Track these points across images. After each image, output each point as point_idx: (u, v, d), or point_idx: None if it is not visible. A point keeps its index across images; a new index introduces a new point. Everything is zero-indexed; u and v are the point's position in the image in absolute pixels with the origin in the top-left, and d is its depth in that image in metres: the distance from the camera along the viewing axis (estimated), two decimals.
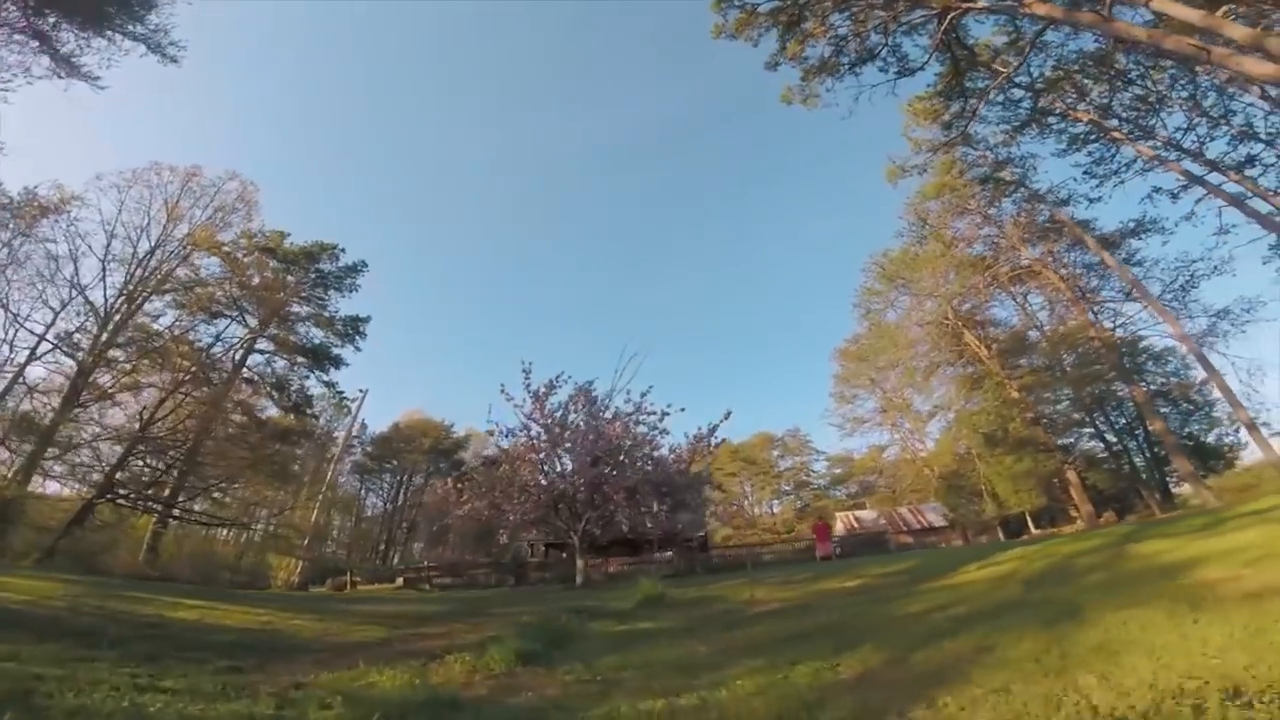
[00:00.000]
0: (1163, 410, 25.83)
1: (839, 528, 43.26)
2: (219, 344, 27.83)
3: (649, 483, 18.75)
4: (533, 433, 19.58)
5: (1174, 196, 23.30)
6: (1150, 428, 26.37)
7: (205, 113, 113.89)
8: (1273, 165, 18.36)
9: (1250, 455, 27.81)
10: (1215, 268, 23.52)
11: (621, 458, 18.78)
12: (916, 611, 6.59)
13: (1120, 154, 23.06)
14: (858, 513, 45.19)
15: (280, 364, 30.50)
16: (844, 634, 6.00)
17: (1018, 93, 23.04)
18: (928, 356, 35.93)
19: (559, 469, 19.63)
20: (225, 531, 30.91)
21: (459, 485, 21.86)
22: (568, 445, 19.44)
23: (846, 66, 21.29)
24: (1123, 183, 23.72)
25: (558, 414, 19.56)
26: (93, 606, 8.42)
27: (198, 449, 26.73)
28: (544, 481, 19.17)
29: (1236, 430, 25.23)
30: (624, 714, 3.92)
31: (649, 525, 19.45)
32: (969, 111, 22.02)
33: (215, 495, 28.75)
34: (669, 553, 29.29)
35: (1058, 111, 22.36)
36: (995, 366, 30.31)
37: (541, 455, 19.56)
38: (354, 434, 32.28)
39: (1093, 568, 6.57)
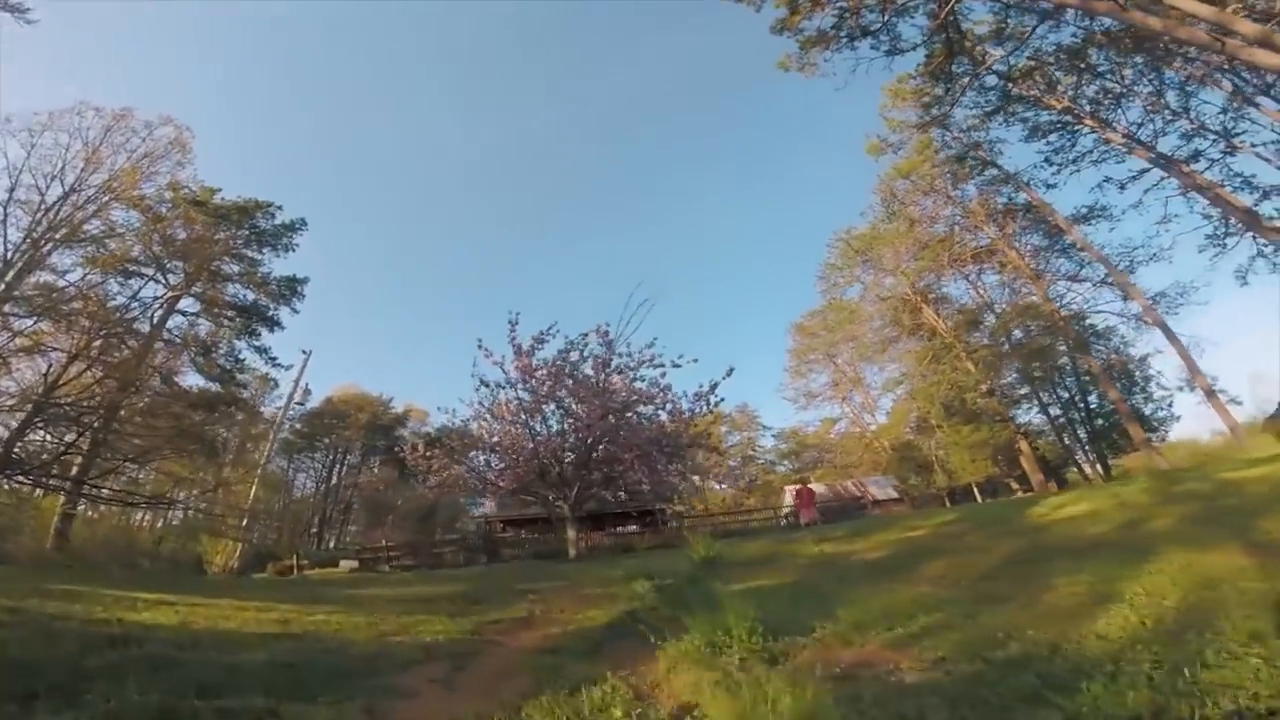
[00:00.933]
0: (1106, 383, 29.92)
1: (788, 499, 46.33)
2: (135, 304, 25.93)
3: (654, 442, 18.19)
4: (522, 388, 18.46)
5: (1121, 187, 26.81)
6: (1106, 398, 30.52)
7: (149, 70, 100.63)
8: (1217, 160, 21.85)
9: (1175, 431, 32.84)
10: (1154, 254, 27.40)
11: (630, 413, 18.26)
12: (1120, 522, 7.50)
13: (1079, 144, 26.27)
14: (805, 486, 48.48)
15: (205, 326, 28.83)
16: (1107, 551, 6.34)
17: (991, 80, 25.60)
18: (882, 332, 39.22)
19: (546, 431, 18.64)
20: (142, 514, 29.02)
21: (429, 453, 20.32)
22: (564, 397, 18.34)
23: (844, 40, 22.75)
24: (1078, 171, 27.04)
25: (539, 369, 18.29)
26: (3, 609, 5.79)
27: (111, 420, 24.91)
28: (530, 445, 18.20)
29: (1169, 404, 29.85)
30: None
31: (663, 486, 19.61)
32: (953, 95, 24.24)
33: (132, 472, 26.89)
34: (632, 527, 30.02)
35: (1029, 99, 25.08)
36: (953, 339, 33.62)
37: (525, 416, 18.48)
38: (296, 398, 31.03)
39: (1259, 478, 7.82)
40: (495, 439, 19.33)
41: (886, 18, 22.16)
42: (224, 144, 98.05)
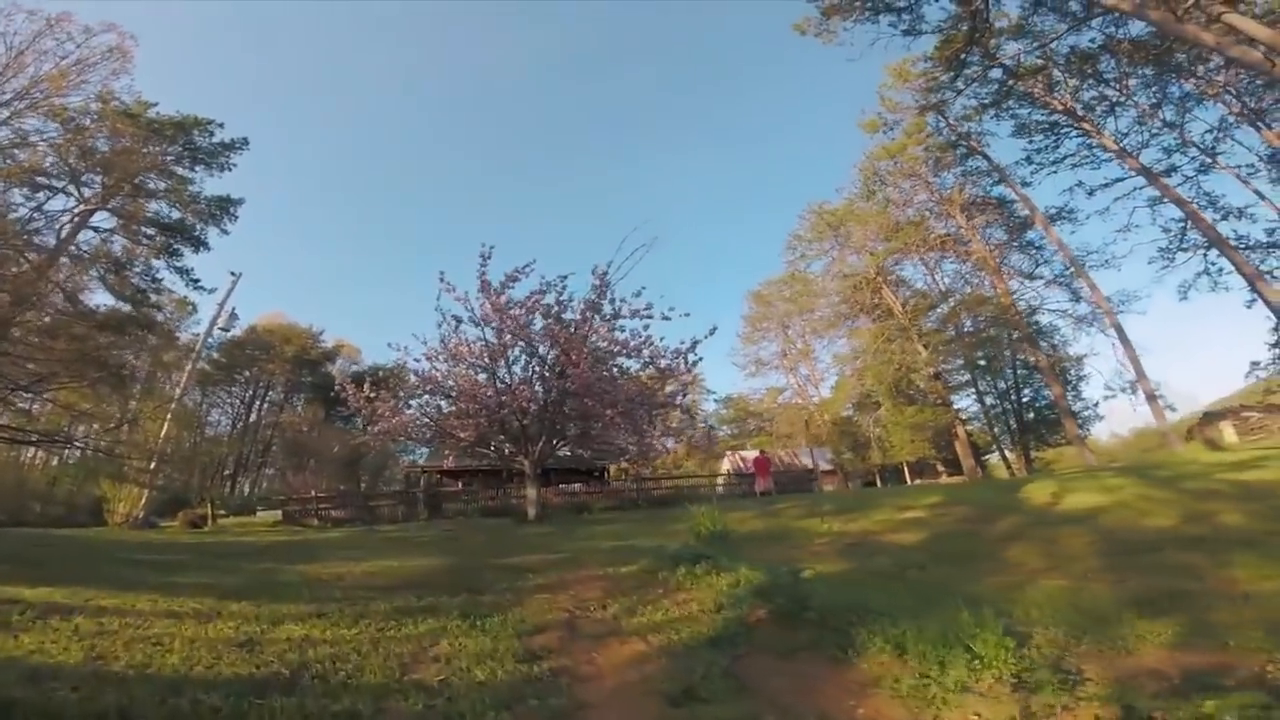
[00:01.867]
0: (1042, 380, 32.59)
1: (726, 465, 47.89)
2: (40, 215, 23.10)
3: (635, 400, 17.15)
4: (489, 329, 16.61)
5: (1090, 192, 28.53)
6: (1040, 392, 33.28)
7: None
8: (1191, 177, 23.87)
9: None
10: (1107, 260, 29.54)
11: (612, 364, 17.37)
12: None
13: (1063, 146, 27.59)
14: (743, 453, 50.16)
15: (121, 243, 25.77)
16: (1226, 545, 5.90)
17: (996, 73, 26.23)
18: (838, 308, 40.63)
19: (511, 378, 17.04)
20: (33, 452, 25.90)
21: (374, 395, 17.95)
22: (537, 341, 16.84)
23: (868, 11, 22.49)
24: (1055, 172, 28.53)
25: (513, 308, 16.51)
26: None
27: (1, 339, 21.85)
28: (491, 392, 16.64)
29: (1096, 405, 32.94)
30: None
31: (648, 449, 19.18)
32: (960, 84, 24.71)
33: (24, 403, 23.73)
34: (577, 484, 29.61)
35: (1029, 96, 26.00)
36: (907, 322, 35.35)
37: (489, 359, 16.78)
38: (221, 323, 28.29)
39: None
40: (451, 383, 17.67)
41: None
42: (176, 62, 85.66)
